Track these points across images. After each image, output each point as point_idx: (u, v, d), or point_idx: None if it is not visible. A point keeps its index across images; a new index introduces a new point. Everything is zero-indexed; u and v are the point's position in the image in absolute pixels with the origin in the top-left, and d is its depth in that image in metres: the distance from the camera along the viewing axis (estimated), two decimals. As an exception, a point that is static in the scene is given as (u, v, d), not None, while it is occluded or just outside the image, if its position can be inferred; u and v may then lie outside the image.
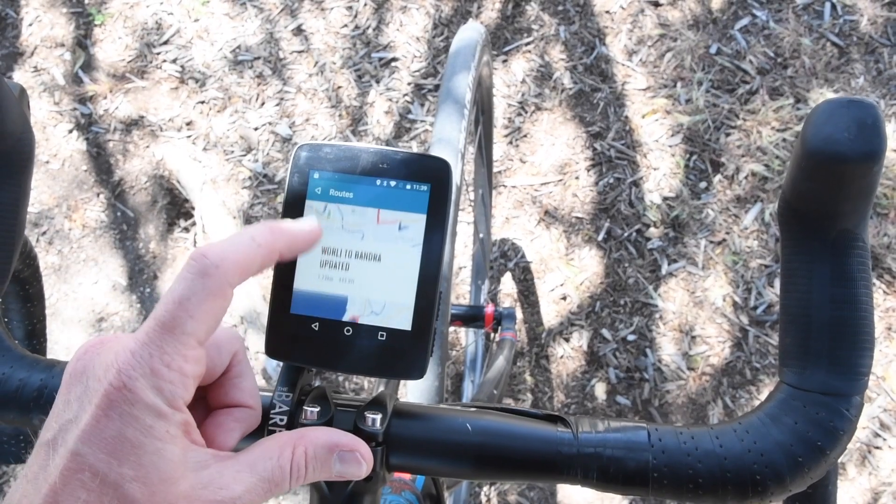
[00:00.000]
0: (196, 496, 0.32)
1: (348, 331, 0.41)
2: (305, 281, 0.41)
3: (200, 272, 0.33)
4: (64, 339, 1.81)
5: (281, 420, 0.40)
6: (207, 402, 0.40)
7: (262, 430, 0.41)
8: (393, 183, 0.41)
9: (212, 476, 0.33)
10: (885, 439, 1.53)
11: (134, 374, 0.32)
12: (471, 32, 1.03)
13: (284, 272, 0.42)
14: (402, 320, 0.41)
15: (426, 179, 0.41)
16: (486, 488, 1.60)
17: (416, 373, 0.41)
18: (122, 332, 1.75)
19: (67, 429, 0.32)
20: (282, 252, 0.37)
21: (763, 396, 1.62)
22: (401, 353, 0.41)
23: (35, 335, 0.59)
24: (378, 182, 0.41)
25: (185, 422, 0.33)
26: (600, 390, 1.65)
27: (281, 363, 0.43)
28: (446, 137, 0.85)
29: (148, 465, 0.31)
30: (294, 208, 0.41)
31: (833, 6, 1.90)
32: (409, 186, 0.41)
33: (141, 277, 1.87)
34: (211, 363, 0.38)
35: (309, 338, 0.41)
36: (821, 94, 1.81)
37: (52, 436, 0.32)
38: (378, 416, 0.40)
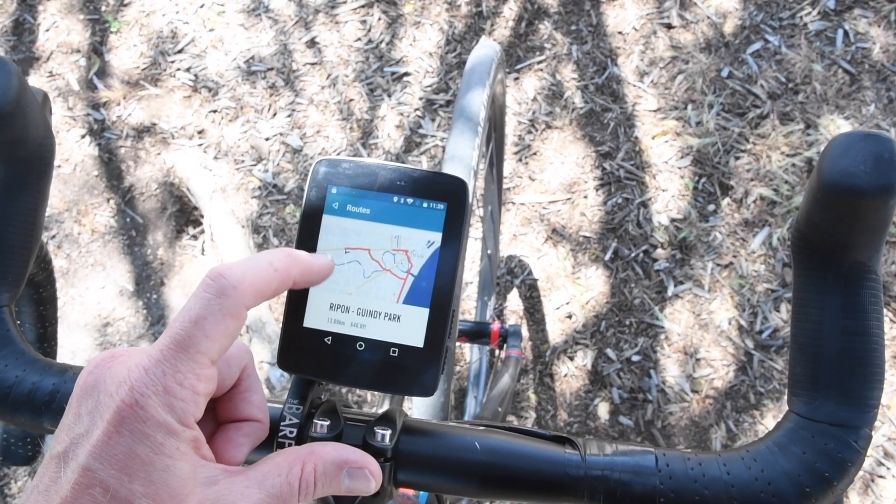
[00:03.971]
0: None
1: (361, 346, 0.41)
2: (320, 295, 0.42)
3: (218, 292, 0.34)
4: (70, 342, 1.81)
5: (291, 433, 0.41)
6: (216, 416, 0.40)
7: (272, 442, 0.41)
8: (410, 200, 0.41)
9: (220, 492, 0.33)
10: (888, 468, 1.52)
11: (146, 392, 0.32)
12: (486, 50, 1.04)
13: None
14: (415, 337, 0.41)
15: (443, 198, 0.41)
16: (486, 505, 1.59)
17: (427, 389, 0.41)
18: (132, 346, 1.76)
19: (79, 443, 0.32)
20: (296, 280, 0.38)
21: (767, 421, 1.61)
22: (412, 369, 0.41)
23: (46, 339, 0.60)
24: (395, 199, 0.42)
25: (195, 438, 0.34)
26: (603, 410, 1.64)
27: (291, 375, 0.43)
28: (459, 154, 0.85)
29: (158, 482, 0.31)
30: (311, 223, 0.42)
31: (846, 33, 1.91)
32: (425, 204, 0.41)
33: (148, 283, 1.88)
34: (221, 378, 0.38)
35: (321, 351, 0.41)
36: (831, 121, 1.82)
37: (62, 448, 0.32)
38: (387, 432, 0.40)
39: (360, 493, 0.38)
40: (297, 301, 0.42)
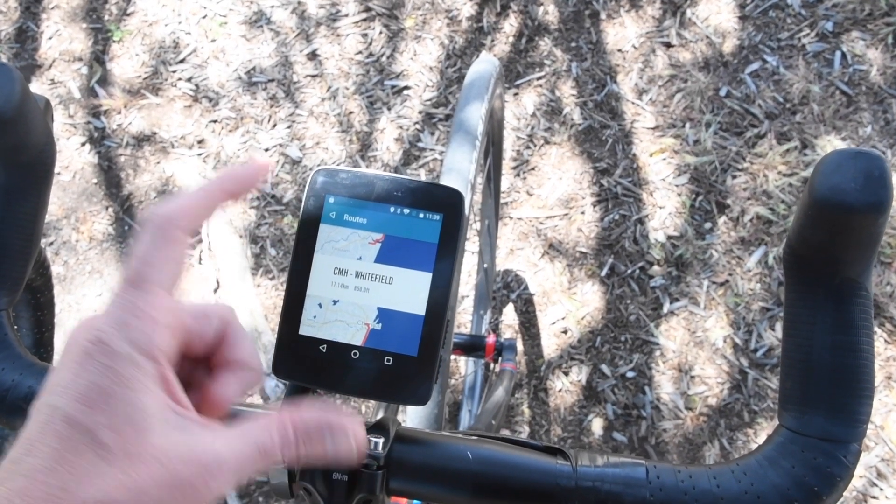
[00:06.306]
0: (173, 451, 0.32)
1: (355, 354, 0.42)
2: (316, 303, 0.42)
3: (151, 227, 0.36)
4: (64, 349, 1.81)
5: None
6: (209, 371, 0.40)
7: None
8: (406, 211, 0.42)
9: (192, 436, 0.33)
10: (881, 489, 1.52)
11: (106, 329, 0.33)
12: (485, 65, 1.05)
13: (296, 293, 0.42)
14: (409, 346, 0.41)
15: (439, 209, 0.42)
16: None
17: (421, 399, 0.42)
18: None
19: (50, 391, 0.33)
20: (231, 191, 0.39)
21: (760, 440, 1.61)
22: (406, 378, 0.41)
23: (43, 344, 0.60)
24: (392, 209, 0.42)
25: (163, 376, 0.34)
26: (597, 426, 1.64)
27: (284, 383, 0.43)
28: (457, 167, 0.86)
29: (120, 415, 0.32)
30: (308, 231, 0.42)
31: (843, 55, 1.92)
32: (422, 215, 0.42)
33: (144, 291, 1.88)
34: (199, 327, 0.38)
35: (316, 359, 0.42)
36: (828, 141, 1.83)
37: (37, 403, 0.33)
38: (381, 440, 0.41)
39: (345, 456, 0.37)
40: (292, 308, 0.42)
